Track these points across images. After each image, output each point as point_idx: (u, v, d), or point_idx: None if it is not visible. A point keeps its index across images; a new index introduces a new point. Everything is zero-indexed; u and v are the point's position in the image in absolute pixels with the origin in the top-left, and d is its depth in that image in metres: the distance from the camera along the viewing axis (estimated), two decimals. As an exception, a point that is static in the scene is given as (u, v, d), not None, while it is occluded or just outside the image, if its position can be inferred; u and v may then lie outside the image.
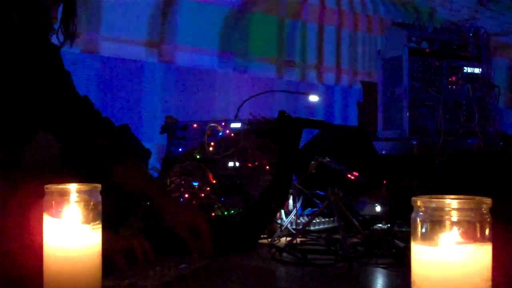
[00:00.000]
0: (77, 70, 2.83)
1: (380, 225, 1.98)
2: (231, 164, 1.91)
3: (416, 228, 0.81)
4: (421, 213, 0.80)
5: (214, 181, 1.87)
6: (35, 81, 1.55)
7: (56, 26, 1.56)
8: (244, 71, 3.51)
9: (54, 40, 1.60)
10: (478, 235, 0.78)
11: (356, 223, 1.85)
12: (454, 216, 0.78)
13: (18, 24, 1.45)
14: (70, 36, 1.60)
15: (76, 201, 1.01)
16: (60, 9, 1.57)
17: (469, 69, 2.75)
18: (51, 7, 1.52)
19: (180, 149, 2.09)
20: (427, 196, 0.81)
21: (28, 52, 1.53)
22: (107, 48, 3.01)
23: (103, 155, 1.54)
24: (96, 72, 2.98)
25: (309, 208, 2.14)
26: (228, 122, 2.04)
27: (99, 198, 1.04)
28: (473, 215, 0.78)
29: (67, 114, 1.60)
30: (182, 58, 3.28)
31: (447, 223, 0.78)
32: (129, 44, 3.10)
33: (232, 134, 1.99)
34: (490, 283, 0.79)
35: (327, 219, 2.08)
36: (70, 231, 1.00)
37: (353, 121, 3.77)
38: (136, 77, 3.12)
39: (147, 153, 2.40)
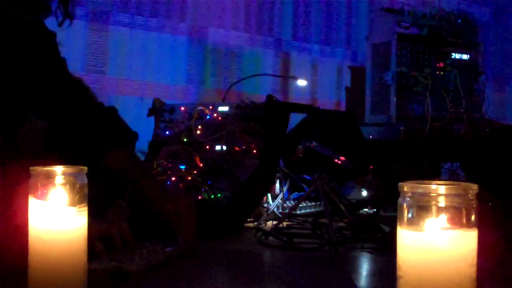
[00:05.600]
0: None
1: (366, 209, 1.99)
2: (218, 147, 1.91)
3: (402, 213, 0.81)
4: (408, 199, 0.80)
5: (201, 165, 1.87)
6: (30, 66, 1.53)
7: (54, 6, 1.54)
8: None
9: (53, 20, 1.57)
10: (464, 221, 0.79)
11: (343, 208, 1.86)
12: (441, 202, 0.78)
13: (17, 9, 1.43)
14: (69, 16, 1.57)
15: (62, 183, 1.00)
16: None
17: (457, 55, 2.75)
18: None
19: (167, 132, 2.08)
20: (414, 181, 0.81)
21: (24, 37, 1.51)
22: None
23: (96, 140, 1.52)
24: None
25: (296, 192, 2.14)
26: (215, 105, 2.03)
27: (85, 180, 1.03)
28: (459, 201, 0.79)
29: (62, 100, 1.57)
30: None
31: (434, 208, 0.79)
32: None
33: (220, 118, 1.98)
34: (475, 268, 0.80)
35: (313, 203, 2.08)
36: (55, 214, 1.00)
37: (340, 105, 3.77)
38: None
39: (134, 136, 2.38)
